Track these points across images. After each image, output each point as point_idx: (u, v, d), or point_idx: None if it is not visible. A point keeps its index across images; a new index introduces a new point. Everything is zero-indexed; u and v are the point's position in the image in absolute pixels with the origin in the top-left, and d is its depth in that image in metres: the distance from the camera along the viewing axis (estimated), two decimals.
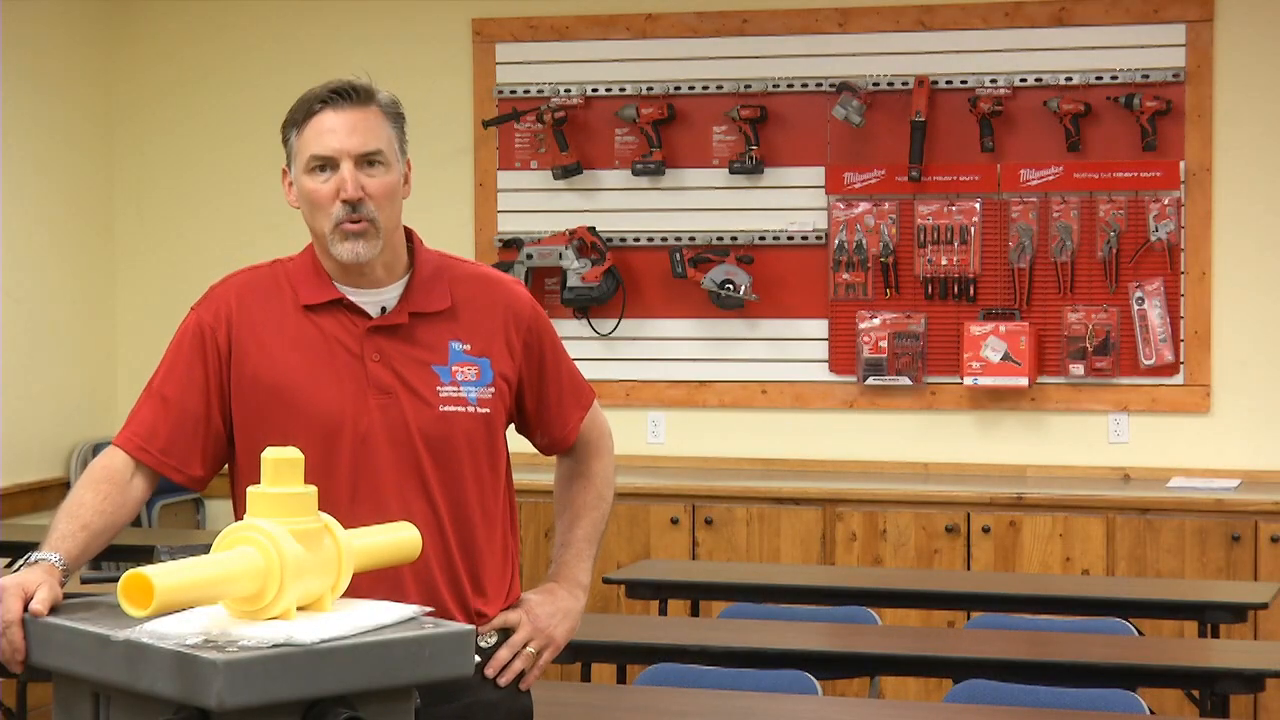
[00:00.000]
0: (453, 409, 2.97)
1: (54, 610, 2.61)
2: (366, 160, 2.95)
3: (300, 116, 3.00)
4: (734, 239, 7.03)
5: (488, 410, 3.01)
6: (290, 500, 2.56)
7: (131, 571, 2.40)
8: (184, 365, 2.97)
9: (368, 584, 2.76)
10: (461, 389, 2.99)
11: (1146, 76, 6.70)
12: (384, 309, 2.99)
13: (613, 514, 6.89)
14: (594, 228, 7.08)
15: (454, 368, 2.99)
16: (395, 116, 3.02)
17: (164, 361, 3.00)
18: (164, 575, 2.42)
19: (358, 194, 2.92)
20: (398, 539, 2.75)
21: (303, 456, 2.58)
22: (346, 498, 2.90)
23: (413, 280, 3.02)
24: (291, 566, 2.49)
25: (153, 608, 2.38)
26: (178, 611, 2.47)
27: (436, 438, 2.96)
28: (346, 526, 2.73)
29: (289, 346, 2.96)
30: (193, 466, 2.97)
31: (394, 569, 2.86)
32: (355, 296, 2.99)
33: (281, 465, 2.56)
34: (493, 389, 3.02)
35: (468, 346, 3.01)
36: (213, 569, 2.47)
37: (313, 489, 2.58)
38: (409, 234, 3.06)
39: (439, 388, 2.97)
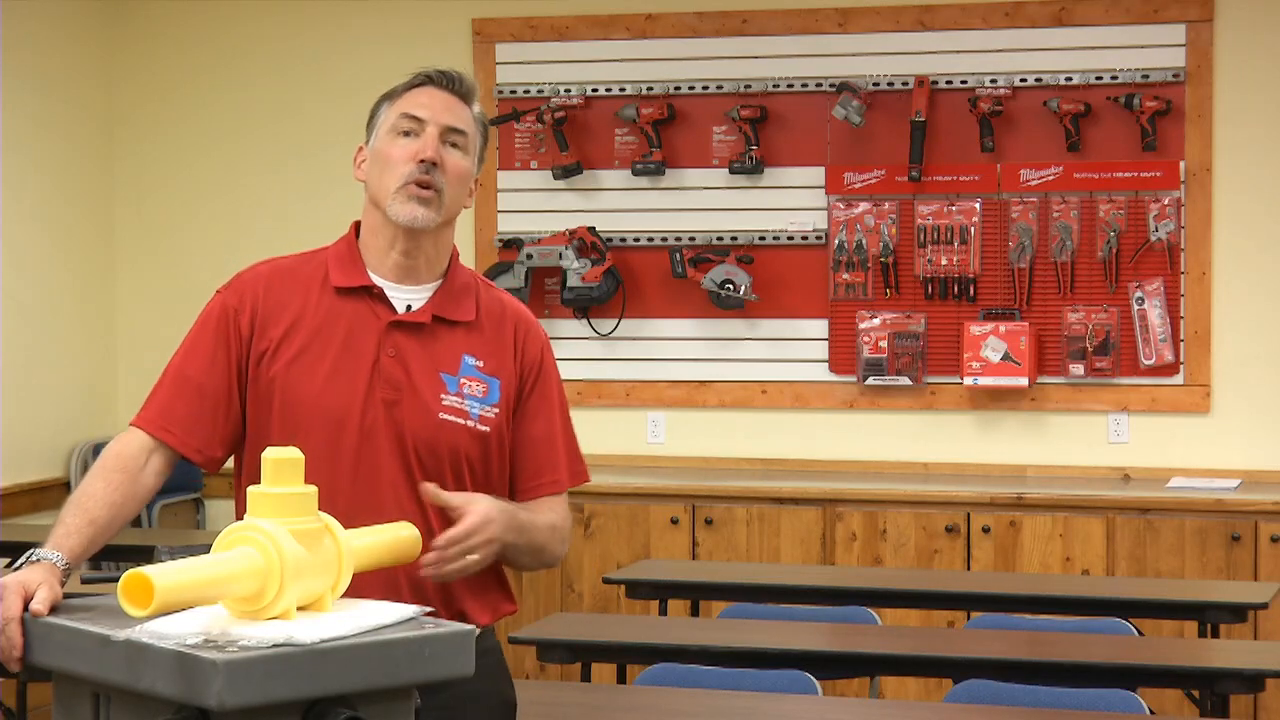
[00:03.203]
0: (450, 419, 2.97)
1: (54, 610, 2.61)
2: (451, 139, 3.01)
3: (400, 89, 3.08)
4: (734, 239, 7.03)
5: (487, 429, 3.00)
6: (290, 500, 2.56)
7: (131, 571, 2.41)
8: (208, 347, 2.98)
9: (354, 590, 2.77)
10: (466, 402, 2.99)
11: (1146, 76, 6.70)
12: (410, 307, 3.01)
13: (612, 514, 6.89)
14: (594, 228, 7.08)
15: (462, 380, 3.00)
16: (483, 127, 3.09)
17: (185, 343, 3.01)
18: (164, 575, 2.42)
19: (436, 157, 2.97)
20: (397, 539, 2.75)
21: (303, 456, 2.58)
22: (347, 490, 2.91)
23: (444, 286, 3.04)
24: (291, 566, 2.49)
25: (153, 608, 2.38)
26: (178, 611, 2.48)
27: (427, 444, 2.96)
28: (346, 520, 2.74)
29: (309, 336, 2.97)
30: (214, 448, 2.98)
31: (390, 575, 2.86)
32: (388, 290, 3.01)
33: (282, 465, 2.56)
34: (497, 410, 3.02)
35: (481, 364, 3.02)
36: (213, 569, 2.47)
37: (313, 489, 2.58)
38: (453, 247, 3.10)
39: (443, 396, 2.98)
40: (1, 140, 6.87)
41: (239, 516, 2.89)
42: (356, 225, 3.08)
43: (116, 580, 2.70)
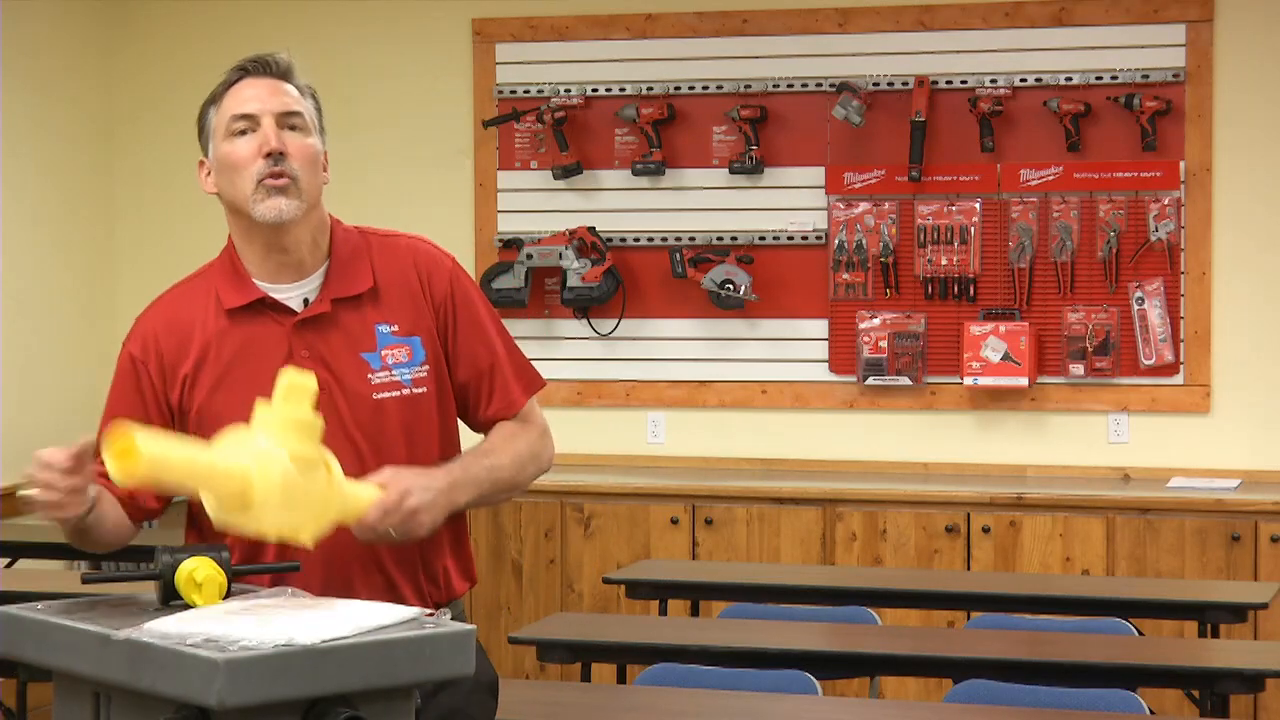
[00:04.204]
0: (386, 395, 2.94)
1: (54, 609, 2.60)
2: (288, 123, 2.95)
3: (220, 90, 3.00)
4: (734, 239, 7.03)
5: (424, 390, 2.97)
6: (295, 424, 2.60)
7: (121, 432, 2.49)
8: (123, 406, 2.98)
9: (319, 578, 2.83)
10: (394, 372, 2.95)
11: (1146, 76, 6.70)
12: (307, 301, 2.97)
13: (612, 514, 6.86)
14: (594, 228, 7.08)
15: (383, 352, 2.96)
16: (313, 99, 3.03)
17: (106, 405, 3.01)
18: (151, 443, 2.50)
19: (280, 146, 2.91)
20: (362, 498, 2.78)
21: (315, 384, 2.62)
22: None
23: (332, 265, 2.99)
24: (278, 481, 2.53)
25: (138, 469, 2.47)
26: (160, 483, 2.56)
27: (371, 427, 2.94)
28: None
29: (219, 368, 2.96)
30: (147, 500, 2.98)
31: (343, 561, 2.89)
32: (278, 293, 2.96)
33: (295, 389, 2.61)
34: (427, 367, 2.98)
35: (395, 328, 2.98)
36: (200, 455, 2.55)
37: (319, 421, 2.62)
38: (330, 218, 3.05)
39: (370, 375, 2.94)
40: (1, 141, 6.88)
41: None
42: (232, 238, 3.04)
43: (117, 580, 2.71)
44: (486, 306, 3.09)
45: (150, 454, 2.49)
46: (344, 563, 2.90)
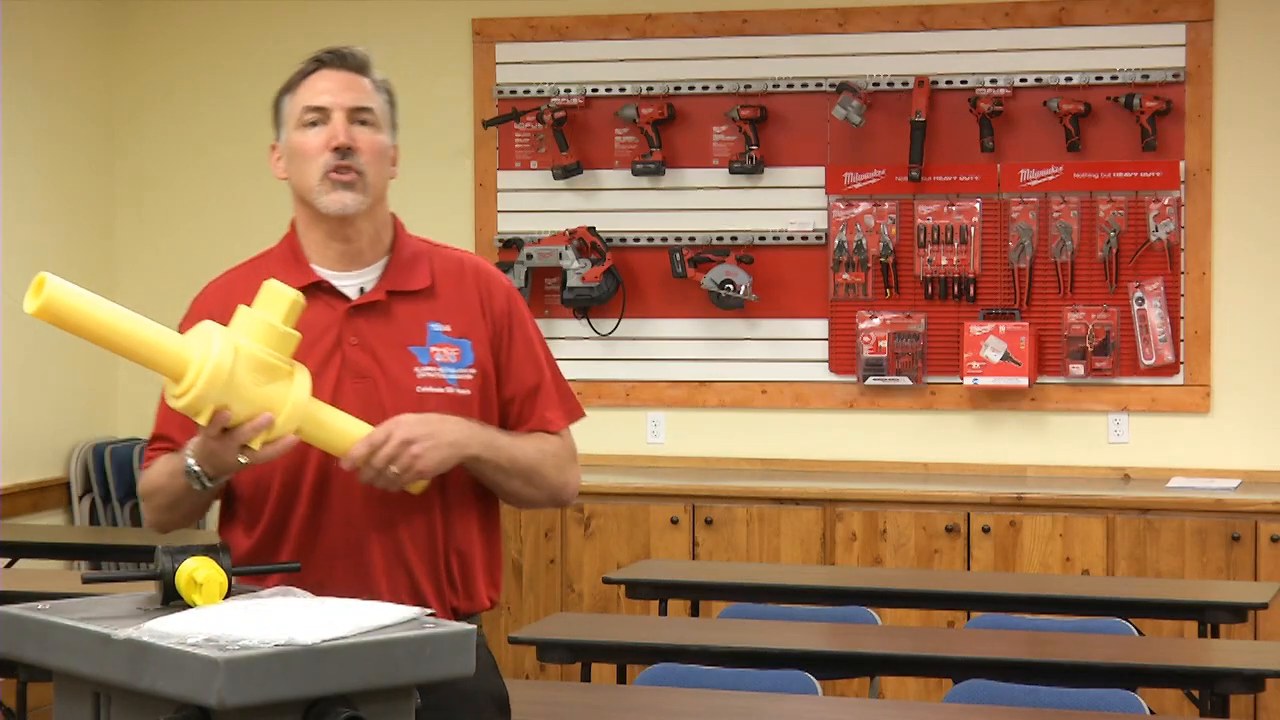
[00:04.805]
0: (430, 390, 2.95)
1: (54, 609, 2.60)
2: (359, 118, 2.99)
3: (296, 79, 3.05)
4: (734, 239, 7.03)
5: (468, 392, 2.98)
6: (264, 328, 2.69)
7: (43, 275, 2.55)
8: None
9: (342, 570, 2.85)
10: (440, 370, 2.97)
11: (1146, 76, 6.70)
12: (362, 290, 2.99)
13: (612, 515, 6.87)
14: (594, 228, 7.08)
15: (432, 349, 2.98)
16: (387, 94, 3.08)
17: (162, 398, 3.00)
18: (62, 289, 2.57)
19: (349, 141, 2.95)
20: (350, 434, 2.82)
21: (302, 299, 2.74)
22: (316, 488, 2.91)
23: (392, 260, 3.02)
24: (211, 363, 2.62)
25: (39, 302, 2.54)
26: (67, 326, 2.61)
27: None
28: (317, 516, 2.85)
29: None
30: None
31: (363, 557, 2.89)
32: (336, 280, 2.98)
33: (277, 297, 2.71)
34: (474, 370, 3.00)
35: (447, 328, 2.99)
36: (122, 317, 2.64)
37: (296, 335, 2.72)
38: (394, 219, 3.08)
39: (416, 369, 2.96)
40: (1, 140, 6.88)
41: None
42: (295, 223, 3.06)
43: (117, 580, 2.71)
44: (538, 332, 3.13)
45: (55, 295, 2.54)
46: (367, 559, 2.91)
